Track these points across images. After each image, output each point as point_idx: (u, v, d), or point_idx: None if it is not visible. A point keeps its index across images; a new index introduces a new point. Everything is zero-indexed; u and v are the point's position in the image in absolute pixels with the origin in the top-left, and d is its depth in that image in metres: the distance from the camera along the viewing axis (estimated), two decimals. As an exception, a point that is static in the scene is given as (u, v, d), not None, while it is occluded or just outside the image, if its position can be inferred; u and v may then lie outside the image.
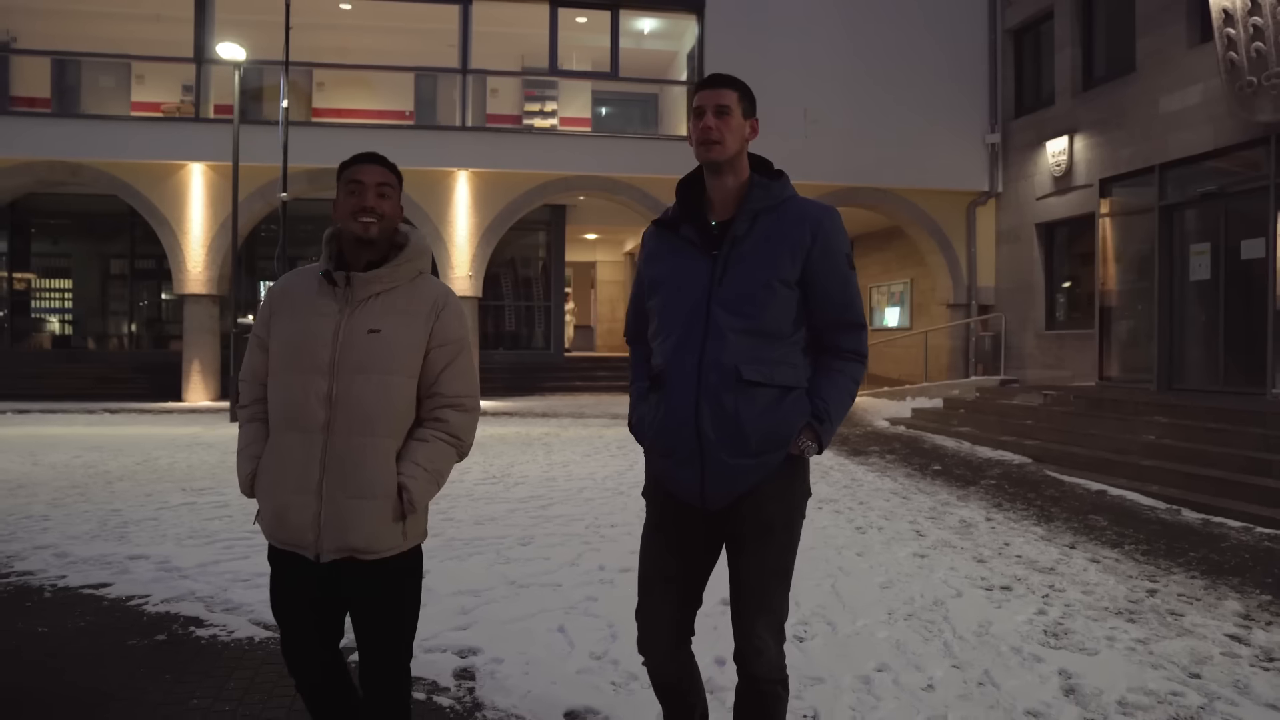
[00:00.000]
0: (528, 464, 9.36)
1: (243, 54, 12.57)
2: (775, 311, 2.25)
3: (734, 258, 2.26)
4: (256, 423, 2.38)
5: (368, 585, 2.30)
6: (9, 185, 15.22)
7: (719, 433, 2.20)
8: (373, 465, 2.24)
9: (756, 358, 2.22)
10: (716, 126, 2.27)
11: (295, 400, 2.24)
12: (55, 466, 8.83)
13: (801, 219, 2.29)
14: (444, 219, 15.84)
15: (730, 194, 2.33)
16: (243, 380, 2.44)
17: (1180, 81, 11.69)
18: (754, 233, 2.28)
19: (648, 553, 2.41)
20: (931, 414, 12.74)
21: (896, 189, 16.41)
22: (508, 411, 14.54)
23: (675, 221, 2.39)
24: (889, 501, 7.40)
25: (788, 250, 2.25)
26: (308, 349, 2.25)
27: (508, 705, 3.38)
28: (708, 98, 2.31)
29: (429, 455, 2.30)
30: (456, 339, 2.39)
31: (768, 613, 2.30)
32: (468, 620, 4.30)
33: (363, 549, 2.25)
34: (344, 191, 2.30)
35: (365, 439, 2.23)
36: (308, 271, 2.39)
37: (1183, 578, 5.26)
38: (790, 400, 2.25)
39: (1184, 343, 11.23)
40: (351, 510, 2.22)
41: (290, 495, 2.24)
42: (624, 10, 16.34)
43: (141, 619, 4.35)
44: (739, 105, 2.32)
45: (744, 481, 2.22)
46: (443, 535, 5.91)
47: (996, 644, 4.05)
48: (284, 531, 2.27)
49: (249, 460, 2.35)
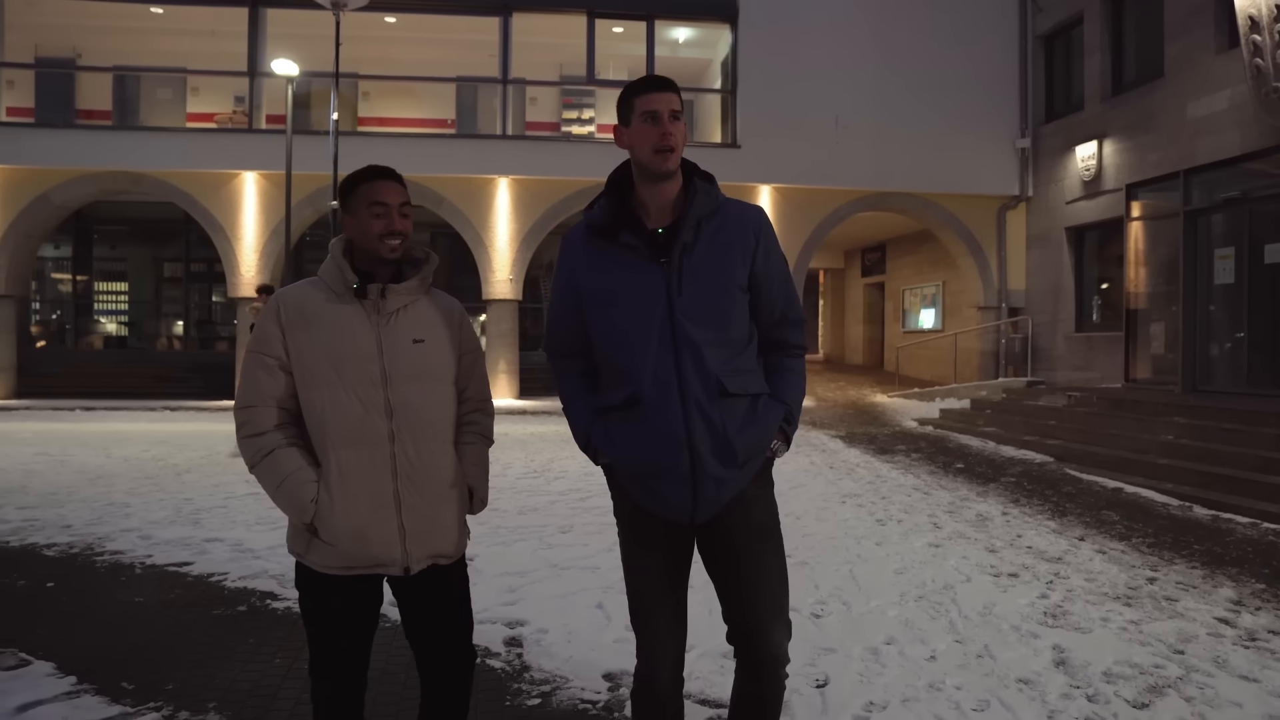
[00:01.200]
0: (566, 460, 9.82)
1: (295, 69, 13.18)
2: (738, 318, 2.24)
3: (688, 267, 2.20)
4: (294, 448, 2.23)
5: (442, 588, 2.34)
6: (76, 195, 16.03)
7: (710, 448, 2.18)
8: (444, 470, 2.29)
9: (732, 369, 2.22)
10: (674, 132, 2.18)
11: (354, 415, 2.20)
12: (127, 459, 9.46)
13: (742, 223, 2.26)
14: (485, 225, 16.38)
15: (668, 200, 2.24)
16: (250, 407, 2.24)
17: (1207, 87, 11.85)
18: (701, 239, 2.22)
19: (641, 576, 2.34)
20: (959, 414, 13.02)
21: (927, 194, 16.65)
22: (545, 410, 15.03)
23: (612, 228, 2.25)
24: (910, 497, 7.75)
25: (738, 255, 2.23)
26: (354, 363, 2.21)
27: (552, 668, 3.82)
28: (661, 101, 2.19)
29: (477, 456, 2.39)
30: (477, 346, 2.47)
31: (783, 618, 2.30)
32: (514, 597, 4.75)
33: (448, 553, 2.31)
34: (367, 213, 2.25)
35: (432, 445, 2.27)
36: (312, 285, 2.31)
37: (1183, 568, 5.58)
38: (763, 406, 2.27)
39: (1209, 346, 11.40)
40: (434, 516, 2.26)
41: (369, 513, 2.20)
42: (659, 20, 16.77)
43: (223, 593, 4.86)
44: (681, 107, 2.25)
45: (730, 491, 2.22)
46: (489, 524, 6.38)
47: (998, 623, 4.42)
48: (369, 551, 2.21)
49: (308, 485, 2.19)
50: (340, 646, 2.30)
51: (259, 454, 2.21)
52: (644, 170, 2.22)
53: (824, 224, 16.65)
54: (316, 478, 2.19)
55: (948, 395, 15.32)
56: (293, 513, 2.19)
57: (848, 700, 3.48)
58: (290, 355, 2.22)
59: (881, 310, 23.17)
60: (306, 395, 2.22)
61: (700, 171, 2.30)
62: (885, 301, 22.82)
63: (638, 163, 2.23)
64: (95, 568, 5.31)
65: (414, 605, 2.34)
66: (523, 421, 13.77)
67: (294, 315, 2.23)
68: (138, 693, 3.50)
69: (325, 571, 2.22)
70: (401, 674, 3.68)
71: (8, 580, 5.00)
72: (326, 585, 2.24)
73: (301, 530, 2.23)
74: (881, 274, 22.94)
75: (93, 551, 5.65)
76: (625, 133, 2.25)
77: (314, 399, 2.22)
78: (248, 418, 2.24)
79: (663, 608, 2.31)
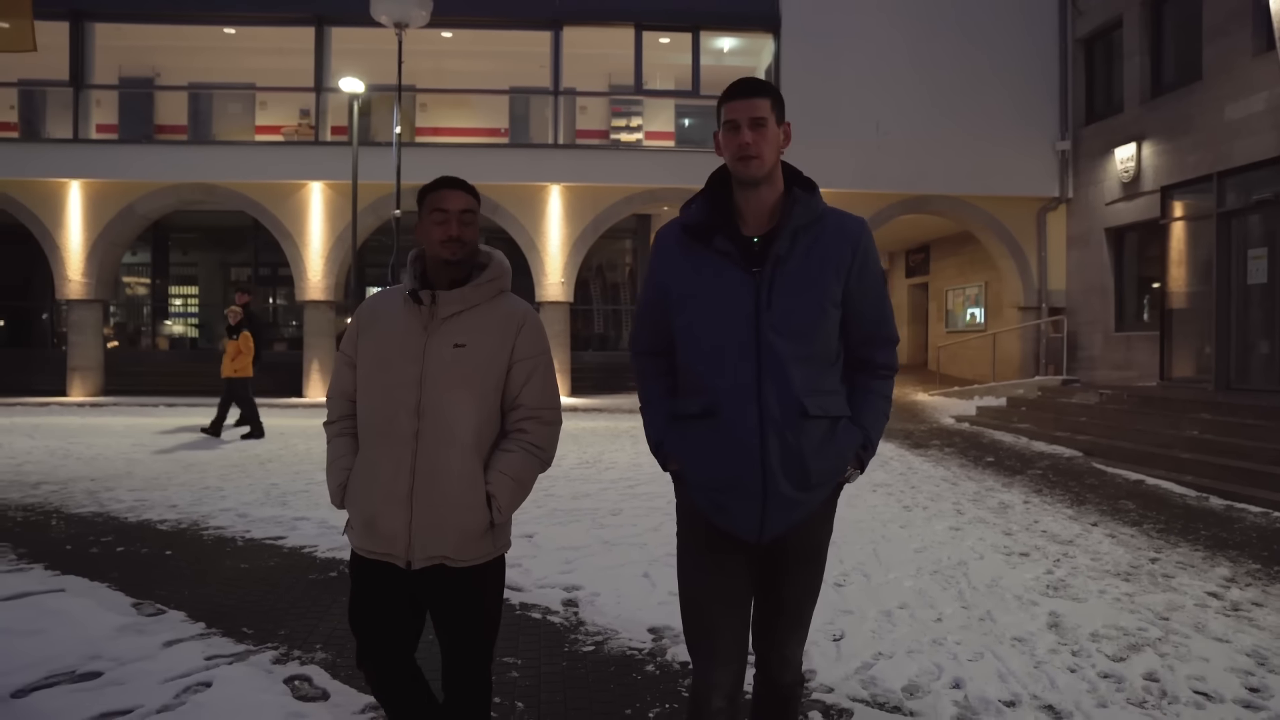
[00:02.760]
0: (616, 453, 10.44)
1: (361, 87, 14.03)
2: (826, 335, 2.18)
3: (780, 278, 2.15)
4: (345, 437, 2.45)
5: (455, 591, 2.38)
6: (157, 205, 17.13)
7: (784, 468, 2.13)
8: (461, 475, 2.31)
9: (815, 389, 2.16)
10: (754, 141, 2.15)
11: (385, 413, 2.33)
12: (213, 450, 10.32)
13: (841, 236, 2.20)
14: (538, 230, 17.10)
15: (766, 207, 2.21)
16: (330, 398, 2.53)
17: (1245, 90, 12.05)
18: (795, 251, 2.17)
19: (698, 588, 2.27)
20: (994, 412, 13.38)
21: (967, 196, 16.97)
22: (597, 408, 15.69)
23: (707, 231, 2.22)
24: (938, 487, 8.22)
25: (832, 269, 2.17)
26: (396, 364, 2.33)
27: (604, 623, 4.43)
28: (741, 109, 2.16)
29: (513, 465, 2.37)
30: (537, 354, 2.45)
31: (801, 630, 2.32)
32: (570, 568, 5.37)
33: (453, 556, 2.33)
34: (430, 219, 2.36)
35: (453, 450, 2.31)
36: (393, 292, 2.48)
37: (1187, 550, 6.00)
38: (841, 430, 2.21)
39: (1243, 344, 11.63)
40: (442, 519, 2.30)
41: (381, 505, 2.31)
42: (704, 31, 17.33)
43: (315, 562, 5.56)
44: (772, 113, 2.18)
45: (800, 514, 2.18)
46: (545, 507, 7.03)
47: (1002, 593, 4.93)
48: (375, 540, 2.34)
49: (340, 472, 2.42)
50: (372, 629, 2.41)
51: (328, 439, 2.52)
52: (734, 176, 2.22)
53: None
54: (350, 466, 2.42)
55: (986, 393, 15.65)
56: (330, 492, 2.47)
57: (859, 650, 4.03)
58: (359, 354, 2.44)
59: (925, 310, 23.44)
60: (358, 392, 2.43)
61: (802, 179, 2.27)
62: (929, 302, 23.08)
63: (732, 171, 2.23)
64: (203, 540, 6.05)
65: (431, 604, 2.43)
66: (575, 418, 14.44)
67: (367, 318, 2.46)
68: (256, 635, 4.19)
69: (359, 552, 2.42)
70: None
71: (133, 548, 5.77)
72: (359, 566, 2.43)
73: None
74: (925, 275, 23.21)
75: (199, 527, 6.41)
76: (718, 139, 2.24)
77: (362, 396, 2.42)
78: (328, 406, 2.54)
79: (722, 624, 2.23)
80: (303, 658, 3.92)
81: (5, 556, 5.54)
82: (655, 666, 3.86)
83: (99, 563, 5.42)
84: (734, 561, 2.24)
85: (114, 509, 6.96)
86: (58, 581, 5.03)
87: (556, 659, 3.98)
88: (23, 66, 16.82)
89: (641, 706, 3.45)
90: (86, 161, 16.68)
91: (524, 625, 4.39)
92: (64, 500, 7.28)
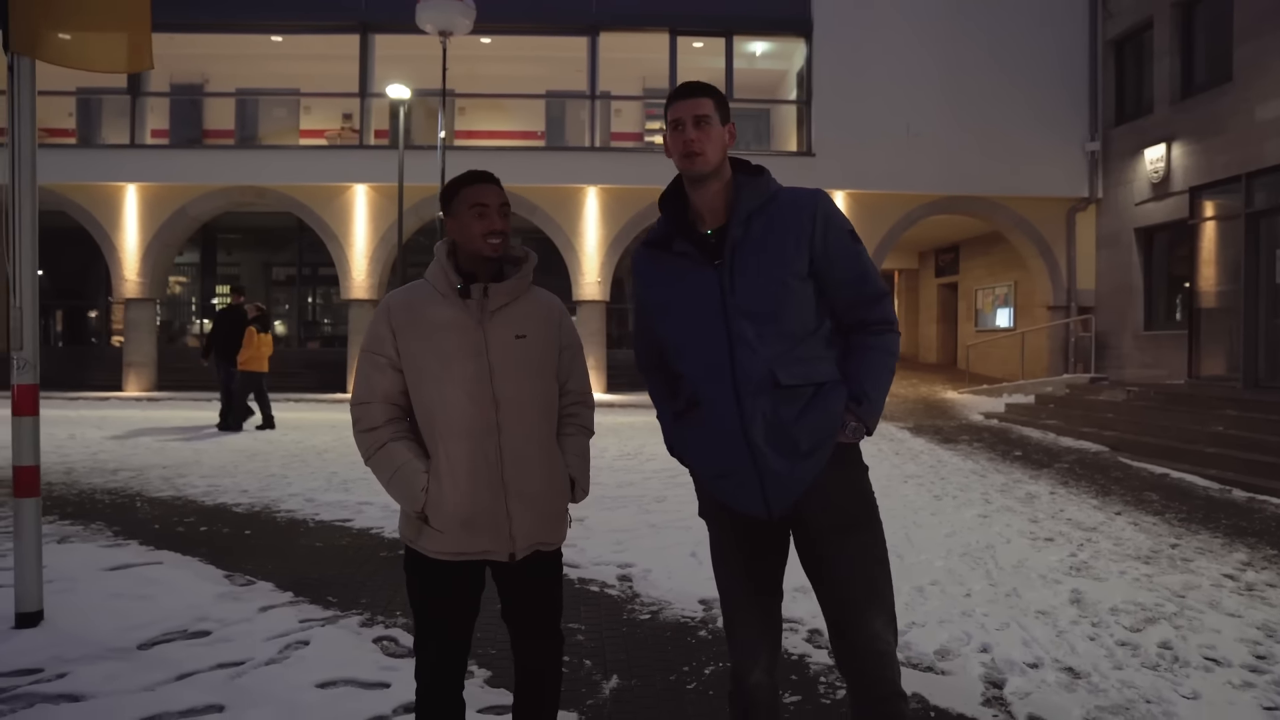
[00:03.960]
0: (657, 445, 10.83)
1: (407, 93, 14.53)
2: (795, 309, 2.19)
3: (738, 263, 2.20)
4: (404, 441, 2.36)
5: (545, 573, 2.45)
6: (209, 207, 17.79)
7: (769, 442, 2.16)
8: (548, 460, 2.39)
9: (788, 359, 2.18)
10: (698, 138, 2.21)
11: (461, 408, 2.31)
12: (271, 442, 10.85)
13: (795, 209, 2.23)
14: (575, 231, 17.55)
15: (717, 200, 2.27)
16: (364, 403, 2.39)
17: (1276, 91, 12.19)
18: (751, 233, 2.22)
19: (728, 573, 2.33)
20: (1023, 408, 13.63)
21: (996, 197, 17.19)
22: (633, 404, 16.10)
23: (666, 238, 2.31)
24: (967, 479, 8.54)
25: (792, 243, 2.20)
26: (461, 359, 2.32)
27: (657, 595, 4.82)
28: (685, 109, 2.23)
29: (580, 447, 2.48)
30: (576, 341, 2.56)
31: (879, 602, 2.21)
32: (621, 548, 5.76)
33: (551, 540, 2.41)
34: (470, 214, 2.35)
35: (536, 436, 2.37)
36: (419, 288, 2.43)
37: (1207, 537, 6.29)
38: (826, 391, 2.20)
39: (1270, 343, 11.80)
40: (536, 505, 2.36)
41: (477, 501, 2.30)
42: (737, 35, 17.71)
43: (383, 541, 6.00)
44: (716, 112, 2.25)
45: (802, 483, 2.18)
46: (593, 494, 7.41)
47: (1028, 573, 5.26)
48: (474, 539, 2.32)
49: (418, 475, 2.31)
50: (444, 626, 2.41)
51: (373, 447, 2.37)
52: (683, 175, 2.29)
53: (896, 227, 17.34)
54: (426, 468, 2.31)
55: (1015, 391, 15.88)
56: (405, 501, 2.32)
57: (894, 620, 4.39)
58: (401, 354, 2.35)
59: (955, 309, 23.63)
60: (417, 391, 2.35)
61: (749, 167, 2.32)
62: (958, 301, 23.26)
63: (679, 169, 2.29)
64: (276, 521, 6.52)
65: (514, 589, 2.45)
66: (612, 413, 14.86)
67: (403, 317, 2.37)
68: (341, 603, 4.62)
69: (436, 557, 2.34)
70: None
71: (215, 528, 6.25)
72: (436, 570, 2.37)
73: (413, 518, 2.36)
74: (955, 274, 23.39)
75: (271, 510, 6.88)
76: (666, 141, 2.31)
77: (424, 394, 2.34)
78: (362, 414, 2.38)
79: (750, 609, 2.28)
80: (386, 622, 4.34)
81: (103, 533, 6.04)
82: (708, 632, 4.24)
83: (187, 540, 5.90)
84: (758, 542, 2.28)
85: (190, 493, 7.47)
86: (154, 555, 5.52)
87: (617, 625, 4.37)
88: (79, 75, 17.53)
89: (698, 665, 3.83)
90: (143, 166, 17.38)
91: (584, 597, 4.79)
92: (143, 485, 7.81)
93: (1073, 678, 3.70)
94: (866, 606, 2.19)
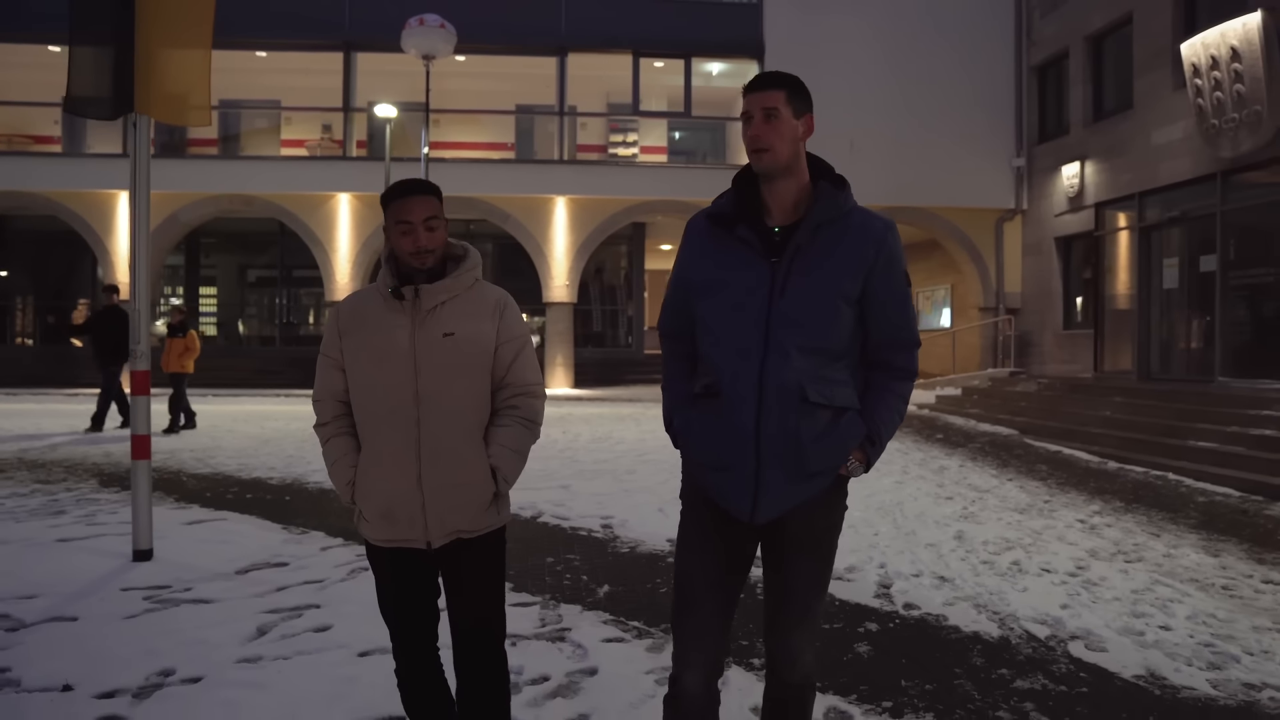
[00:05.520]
0: (624, 430, 12.18)
1: (394, 112, 15.69)
2: (837, 330, 2.18)
3: (796, 269, 2.16)
4: (344, 436, 2.50)
5: (472, 558, 2.50)
6: (199, 214, 18.78)
7: (779, 453, 2.14)
8: (465, 452, 2.43)
9: (818, 377, 2.16)
10: (764, 133, 2.17)
11: (386, 405, 2.41)
12: (278, 429, 11.99)
13: (865, 235, 2.20)
14: (544, 237, 18.83)
15: (789, 199, 2.23)
16: (318, 400, 2.56)
17: (1167, 118, 13.86)
18: (816, 244, 2.18)
19: (692, 559, 2.31)
20: (950, 400, 15.20)
21: (933, 207, 18.78)
22: (600, 397, 17.41)
23: (730, 219, 2.25)
24: (891, 455, 9.97)
25: (852, 267, 2.17)
26: (391, 358, 2.40)
27: (633, 537, 6.14)
28: (754, 101, 2.19)
29: (511, 438, 2.50)
30: (520, 334, 2.56)
31: (809, 622, 2.31)
32: (601, 506, 7.07)
33: (468, 529, 2.46)
34: (396, 230, 2.40)
35: (455, 431, 2.42)
36: (369, 292, 2.53)
37: (1074, 495, 7.78)
38: (846, 421, 2.20)
39: (1160, 341, 13.49)
40: (452, 495, 2.42)
41: (395, 492, 2.40)
42: (695, 57, 19.13)
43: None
44: (788, 105, 2.19)
45: (795, 500, 2.18)
46: (574, 469, 8.73)
47: (926, 520, 6.68)
48: (394, 528, 2.43)
49: (347, 469, 2.47)
50: (395, 607, 2.53)
51: (322, 440, 2.55)
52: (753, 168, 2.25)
53: (841, 235, 18.78)
54: (355, 464, 2.47)
55: (946, 385, 17.50)
56: (338, 492, 2.51)
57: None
58: (344, 355, 2.48)
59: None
60: (353, 389, 2.48)
61: (833, 175, 2.27)
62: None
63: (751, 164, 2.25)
64: (309, 490, 7.72)
65: (445, 577, 2.55)
66: (581, 405, 16.16)
67: (349, 320, 2.49)
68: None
69: (374, 543, 2.51)
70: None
71: (259, 496, 7.45)
72: (378, 555, 2.53)
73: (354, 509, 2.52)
74: (899, 277, 24.98)
75: (301, 482, 8.08)
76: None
77: (358, 392, 2.47)
78: (316, 410, 2.58)
79: (704, 603, 2.26)
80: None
81: (167, 500, 7.21)
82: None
83: (240, 503, 7.10)
84: (729, 541, 2.27)
85: (225, 470, 8.64)
86: (219, 515, 6.71)
87: (604, 556, 5.68)
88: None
89: (667, 578, 5.16)
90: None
91: (576, 538, 6.10)
92: (180, 465, 8.95)
93: (942, 582, 5.10)
94: (795, 627, 2.30)
